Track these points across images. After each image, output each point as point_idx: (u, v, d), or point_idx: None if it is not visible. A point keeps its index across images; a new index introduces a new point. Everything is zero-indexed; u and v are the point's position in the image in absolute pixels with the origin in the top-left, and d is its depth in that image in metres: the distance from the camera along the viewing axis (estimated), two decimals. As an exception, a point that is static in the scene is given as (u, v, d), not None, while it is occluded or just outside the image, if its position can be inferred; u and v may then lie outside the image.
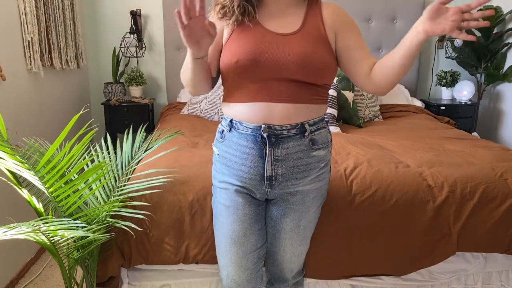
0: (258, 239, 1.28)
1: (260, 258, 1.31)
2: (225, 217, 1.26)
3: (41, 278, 2.12)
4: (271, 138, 1.17)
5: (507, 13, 3.26)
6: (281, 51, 1.14)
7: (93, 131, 1.36)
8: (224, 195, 1.26)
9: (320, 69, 1.16)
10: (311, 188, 1.25)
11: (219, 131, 1.28)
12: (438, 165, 1.83)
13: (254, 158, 1.19)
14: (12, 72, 2.08)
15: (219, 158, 1.27)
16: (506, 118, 3.34)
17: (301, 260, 1.41)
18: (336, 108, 2.69)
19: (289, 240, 1.30)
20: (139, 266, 1.64)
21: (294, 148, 1.19)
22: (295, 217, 1.27)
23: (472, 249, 1.69)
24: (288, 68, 1.13)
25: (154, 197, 1.58)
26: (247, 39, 1.16)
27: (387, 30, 3.38)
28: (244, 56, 1.13)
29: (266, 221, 1.32)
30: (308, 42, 1.15)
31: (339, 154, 1.98)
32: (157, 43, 3.38)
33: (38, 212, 1.46)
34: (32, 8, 2.22)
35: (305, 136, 1.19)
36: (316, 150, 1.22)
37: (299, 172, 1.21)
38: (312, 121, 1.20)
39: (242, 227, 1.24)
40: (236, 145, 1.21)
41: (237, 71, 1.15)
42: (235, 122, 1.21)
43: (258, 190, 1.23)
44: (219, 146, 1.27)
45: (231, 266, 1.28)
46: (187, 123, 2.62)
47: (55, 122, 2.63)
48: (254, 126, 1.17)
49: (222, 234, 1.28)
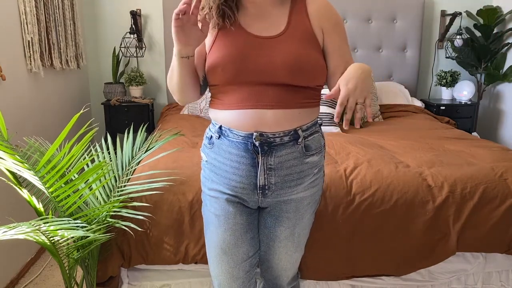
0: (250, 248, 1.24)
1: (252, 267, 1.27)
2: (216, 226, 1.21)
3: (41, 278, 2.12)
4: (263, 147, 1.12)
5: (507, 13, 3.26)
6: (267, 56, 1.09)
7: (93, 131, 1.36)
8: (214, 203, 1.21)
9: (310, 71, 1.11)
10: (304, 195, 1.22)
11: (207, 137, 1.23)
12: (438, 165, 1.83)
13: (246, 167, 1.14)
14: (12, 72, 2.08)
15: (207, 165, 1.22)
16: (506, 118, 3.34)
17: (296, 266, 1.38)
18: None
19: (284, 248, 1.27)
20: (139, 266, 1.64)
21: (287, 156, 1.14)
22: (289, 225, 1.23)
23: (472, 249, 1.69)
24: (275, 72, 1.08)
25: (154, 197, 1.58)
26: (230, 45, 1.11)
27: (387, 30, 3.38)
28: (226, 62, 1.09)
29: (259, 229, 1.28)
30: (295, 44, 1.10)
31: (339, 154, 1.98)
32: (157, 43, 3.38)
33: (38, 212, 1.46)
34: (32, 8, 2.22)
35: (298, 143, 1.14)
36: (309, 157, 1.18)
37: (293, 180, 1.17)
38: (305, 126, 1.15)
39: (233, 236, 1.20)
40: (226, 153, 1.16)
41: (222, 79, 1.12)
42: (225, 129, 1.15)
43: (250, 198, 1.19)
44: (207, 153, 1.22)
45: (223, 276, 1.25)
46: (187, 123, 2.62)
47: (55, 122, 2.63)
48: (245, 134, 1.12)
49: (212, 244, 1.23)
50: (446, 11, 3.46)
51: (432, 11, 3.50)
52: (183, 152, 1.94)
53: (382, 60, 3.43)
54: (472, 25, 3.38)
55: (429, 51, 3.58)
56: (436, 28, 3.53)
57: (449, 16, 3.39)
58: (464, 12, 3.40)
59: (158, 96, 3.50)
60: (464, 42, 3.36)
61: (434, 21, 3.52)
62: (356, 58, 3.38)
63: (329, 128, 2.57)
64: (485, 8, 3.26)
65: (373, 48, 3.42)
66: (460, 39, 3.35)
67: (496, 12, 3.24)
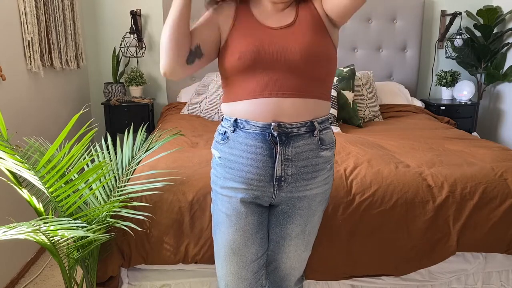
0: (259, 249, 1.25)
1: (260, 268, 1.28)
2: (226, 226, 1.21)
3: (41, 278, 2.12)
4: (281, 137, 1.14)
5: (507, 13, 3.26)
6: (283, 43, 1.13)
7: (93, 131, 1.36)
8: (226, 203, 1.21)
9: (323, 57, 1.15)
10: (317, 192, 1.23)
11: (220, 133, 1.23)
12: (438, 165, 1.83)
13: (263, 158, 1.15)
14: (12, 72, 2.08)
15: (220, 161, 1.22)
16: (506, 118, 3.34)
17: (304, 266, 1.38)
18: (336, 108, 2.69)
19: (294, 246, 1.28)
20: (139, 266, 1.64)
21: (304, 147, 1.16)
22: (301, 222, 1.24)
23: (472, 249, 1.69)
24: (291, 59, 1.12)
25: (154, 197, 1.58)
26: (247, 36, 1.15)
27: (387, 30, 3.38)
28: (245, 50, 1.12)
29: (269, 228, 1.28)
30: (307, 31, 1.15)
31: (339, 154, 1.98)
32: (157, 43, 3.38)
33: (38, 212, 1.46)
34: (32, 8, 2.22)
35: (314, 135, 1.17)
36: (324, 150, 1.20)
37: (308, 172, 1.19)
38: (320, 119, 1.18)
39: (244, 237, 1.21)
40: (243, 145, 1.16)
41: (240, 68, 1.13)
42: (241, 122, 1.16)
43: (265, 192, 1.19)
44: (220, 149, 1.22)
45: (230, 277, 1.25)
46: (187, 123, 2.62)
47: (55, 122, 2.63)
48: (262, 124, 1.14)
49: (222, 243, 1.24)
50: (446, 11, 3.47)
51: (432, 11, 3.50)
52: (183, 152, 1.94)
53: (382, 60, 3.43)
54: (472, 25, 3.38)
55: (429, 51, 3.58)
56: (436, 28, 3.53)
57: (449, 16, 3.39)
58: (464, 12, 3.40)
59: (158, 96, 3.50)
60: (464, 42, 3.36)
61: (434, 21, 3.52)
62: (356, 58, 3.39)
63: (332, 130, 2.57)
64: (485, 8, 3.26)
65: (373, 48, 3.42)
66: (460, 39, 3.35)
67: (496, 12, 3.24)
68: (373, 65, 3.40)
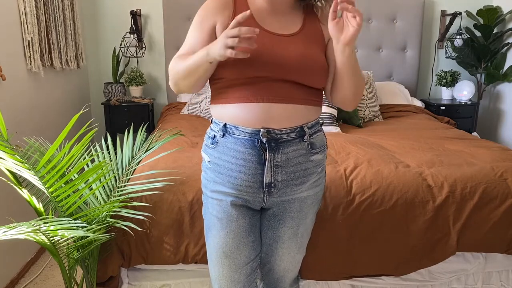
0: (252, 252, 1.23)
1: (253, 270, 1.27)
2: (218, 229, 1.20)
3: (41, 278, 2.12)
4: (271, 143, 1.12)
5: (507, 13, 3.26)
6: (281, 52, 1.11)
7: (93, 131, 1.36)
8: (217, 206, 1.20)
9: (318, 71, 1.15)
10: (308, 194, 1.22)
11: (210, 137, 1.20)
12: (438, 165, 1.83)
13: (252, 165, 1.13)
14: (12, 72, 2.08)
15: (210, 165, 1.20)
16: (506, 118, 3.34)
17: (298, 268, 1.38)
18: (336, 108, 2.69)
19: (287, 249, 1.27)
20: (139, 266, 1.64)
21: (294, 152, 1.15)
22: (293, 224, 1.23)
23: (472, 249, 1.69)
24: (286, 69, 1.10)
25: (153, 197, 1.58)
26: None
27: (387, 30, 3.38)
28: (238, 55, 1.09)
29: (261, 231, 1.27)
30: (308, 44, 1.14)
31: (339, 154, 1.98)
32: (157, 43, 3.38)
33: (38, 212, 1.46)
34: (32, 8, 2.22)
35: (304, 140, 1.15)
36: (314, 154, 1.19)
37: (298, 177, 1.17)
38: (310, 124, 1.17)
39: (235, 240, 1.20)
40: (232, 151, 1.14)
41: (234, 71, 1.11)
42: (230, 127, 1.14)
43: (254, 198, 1.18)
44: (210, 153, 1.20)
45: (224, 280, 1.24)
46: (187, 123, 2.62)
47: (55, 122, 2.63)
48: (251, 130, 1.11)
49: (214, 247, 1.23)
50: (446, 11, 3.47)
51: (432, 11, 3.50)
52: (183, 152, 1.94)
53: (382, 60, 3.43)
54: (472, 25, 3.38)
55: (429, 51, 3.58)
56: (436, 28, 3.53)
57: (449, 16, 3.39)
58: (464, 12, 3.40)
59: (158, 96, 3.50)
60: (464, 42, 3.36)
61: (434, 21, 3.52)
62: (356, 58, 3.38)
63: (329, 128, 2.57)
64: (485, 8, 3.26)
65: (373, 48, 3.42)
66: (460, 39, 3.35)
67: (496, 12, 3.24)
68: (373, 65, 3.40)
